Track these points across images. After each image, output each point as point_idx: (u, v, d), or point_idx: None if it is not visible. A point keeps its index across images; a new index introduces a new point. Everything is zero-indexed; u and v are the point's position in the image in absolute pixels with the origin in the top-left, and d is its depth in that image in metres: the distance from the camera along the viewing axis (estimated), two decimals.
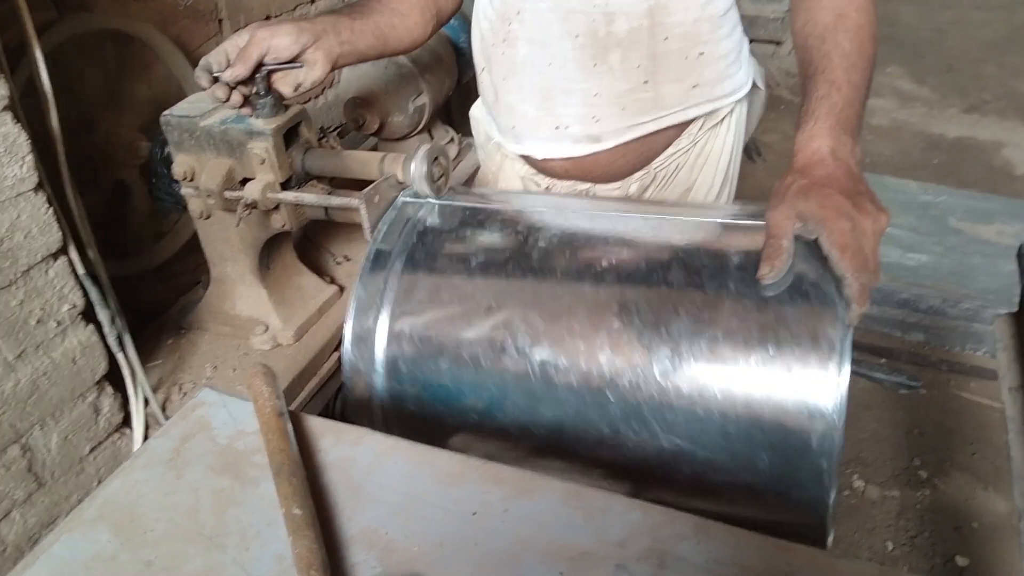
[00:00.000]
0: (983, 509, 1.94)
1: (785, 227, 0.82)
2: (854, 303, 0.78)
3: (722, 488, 0.84)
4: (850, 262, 0.78)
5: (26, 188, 1.07)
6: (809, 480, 0.79)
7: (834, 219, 0.80)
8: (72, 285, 1.17)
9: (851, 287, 0.78)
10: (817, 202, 0.81)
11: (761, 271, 0.81)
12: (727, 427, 0.81)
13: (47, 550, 0.75)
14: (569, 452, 0.89)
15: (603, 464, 0.89)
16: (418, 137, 2.03)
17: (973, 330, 2.35)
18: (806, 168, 0.87)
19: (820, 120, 0.90)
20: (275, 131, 1.19)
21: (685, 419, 0.82)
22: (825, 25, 0.99)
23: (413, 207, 1.06)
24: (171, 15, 1.60)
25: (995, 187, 3.17)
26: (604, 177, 1.27)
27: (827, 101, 0.91)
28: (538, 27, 1.15)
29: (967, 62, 4.45)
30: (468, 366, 0.91)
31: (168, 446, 0.85)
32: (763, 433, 0.80)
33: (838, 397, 0.77)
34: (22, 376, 1.12)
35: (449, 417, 0.93)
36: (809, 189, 0.83)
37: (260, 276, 1.40)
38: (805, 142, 0.89)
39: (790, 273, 0.82)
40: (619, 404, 0.84)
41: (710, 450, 0.82)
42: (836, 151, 0.87)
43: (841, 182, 0.84)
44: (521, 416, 0.89)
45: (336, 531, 0.74)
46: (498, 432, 0.91)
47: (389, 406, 0.96)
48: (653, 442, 0.84)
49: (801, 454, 0.78)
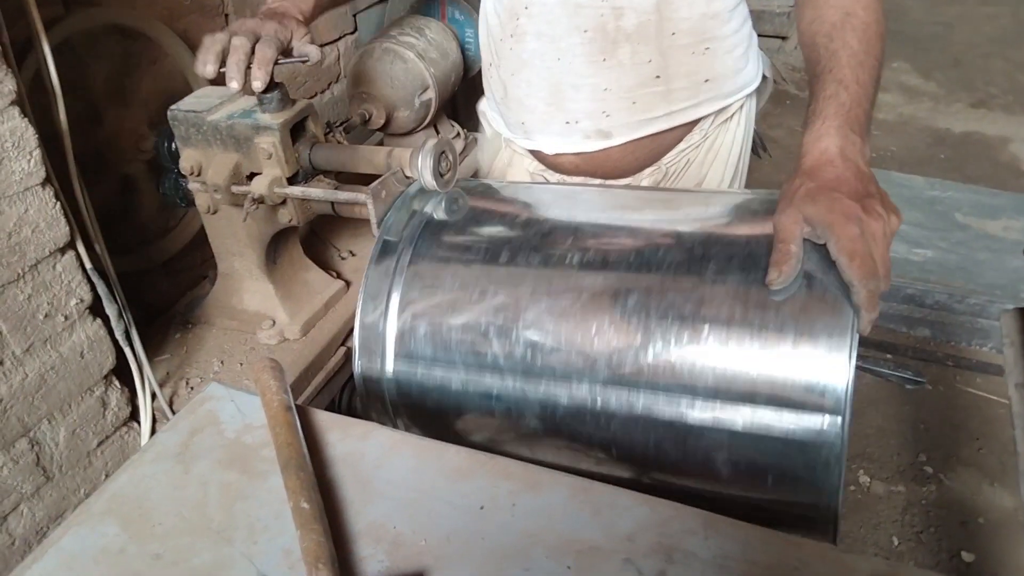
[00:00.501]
0: (989, 504, 1.93)
1: (793, 231, 0.81)
2: (863, 309, 0.77)
3: (730, 482, 0.84)
4: (858, 269, 0.77)
5: (34, 183, 1.08)
6: (817, 473, 0.79)
7: (842, 225, 0.78)
8: (80, 279, 1.17)
9: (859, 295, 0.77)
10: (825, 206, 0.80)
11: (769, 276, 0.80)
12: (735, 419, 0.81)
13: (56, 543, 0.75)
14: (579, 440, 0.89)
15: (612, 454, 0.89)
16: (424, 132, 2.03)
17: (979, 326, 2.35)
18: (814, 170, 0.85)
19: (828, 119, 0.88)
20: (282, 126, 1.19)
21: (693, 410, 0.82)
22: (832, 23, 0.98)
23: (420, 201, 1.06)
24: (178, 10, 1.60)
25: (1002, 182, 3.16)
26: (614, 173, 1.27)
27: (835, 100, 0.90)
28: (546, 22, 1.15)
29: (974, 57, 4.44)
30: (476, 355, 0.91)
31: (176, 440, 0.85)
32: (770, 426, 0.79)
33: (844, 386, 0.77)
34: (30, 370, 1.12)
35: (458, 406, 0.94)
36: (817, 193, 0.81)
37: (267, 271, 1.40)
38: (813, 142, 0.88)
39: (799, 276, 0.81)
40: (629, 393, 0.84)
41: (718, 442, 0.82)
42: (845, 150, 0.85)
43: (850, 184, 0.82)
44: (527, 401, 0.89)
45: (344, 525, 0.74)
46: (506, 420, 0.92)
47: (399, 396, 0.97)
48: (663, 433, 0.84)
49: (809, 447, 0.78)
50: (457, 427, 0.96)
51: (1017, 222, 2.63)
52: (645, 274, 0.88)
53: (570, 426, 0.88)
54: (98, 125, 1.45)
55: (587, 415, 0.87)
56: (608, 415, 0.86)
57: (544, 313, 0.89)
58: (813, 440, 0.78)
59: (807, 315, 0.79)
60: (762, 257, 0.83)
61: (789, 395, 0.79)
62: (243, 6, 1.77)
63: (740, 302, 0.82)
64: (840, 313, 0.79)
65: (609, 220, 1.01)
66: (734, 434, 0.81)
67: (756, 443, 0.80)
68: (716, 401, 0.81)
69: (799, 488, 0.82)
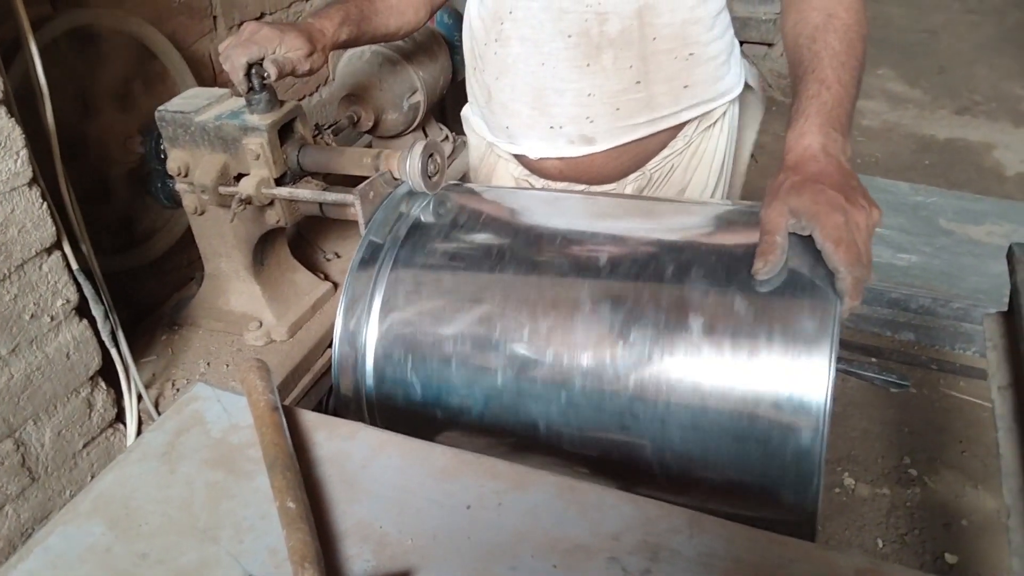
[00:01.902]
0: (972, 507, 1.95)
1: (779, 223, 0.82)
2: (847, 296, 0.79)
3: (710, 480, 0.85)
4: (844, 255, 0.79)
5: (20, 183, 1.07)
6: (796, 471, 0.80)
7: (828, 214, 0.80)
8: (66, 280, 1.17)
9: (845, 280, 0.79)
10: (810, 198, 0.82)
11: (755, 267, 0.81)
12: (714, 418, 0.81)
13: (42, 542, 0.75)
14: (557, 447, 0.90)
15: (593, 459, 0.89)
16: (412, 135, 2.03)
17: (963, 330, 2.37)
18: (798, 165, 0.87)
19: (811, 118, 0.91)
20: (270, 127, 1.19)
21: (674, 412, 0.83)
22: (815, 25, 1.00)
23: (407, 203, 1.06)
24: (166, 11, 1.60)
25: (985, 188, 3.20)
26: (599, 178, 1.28)
27: (817, 100, 0.92)
28: (531, 27, 1.16)
29: (958, 64, 4.48)
30: (457, 360, 0.91)
31: (162, 440, 0.85)
32: (750, 423, 0.80)
33: (823, 385, 0.77)
34: (16, 371, 1.11)
35: (438, 411, 0.94)
36: (802, 185, 0.84)
37: (254, 272, 1.40)
38: (796, 139, 0.90)
39: (784, 269, 0.82)
40: (609, 398, 0.85)
41: (699, 443, 0.83)
42: (827, 147, 0.88)
43: (833, 177, 0.84)
44: (509, 410, 0.90)
45: (330, 524, 0.74)
46: (486, 426, 0.92)
47: (378, 401, 0.97)
48: (642, 437, 0.85)
49: (788, 444, 0.79)
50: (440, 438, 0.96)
51: (1000, 227, 2.65)
52: (626, 283, 0.88)
53: (552, 436, 0.89)
54: (86, 126, 1.44)
55: (567, 425, 0.87)
56: (592, 425, 0.86)
57: (525, 322, 0.89)
58: (793, 447, 0.79)
59: (788, 322, 0.80)
60: (743, 266, 0.84)
61: (768, 392, 0.79)
62: (231, 8, 1.77)
63: (721, 310, 0.83)
64: (822, 317, 0.79)
65: (592, 228, 1.02)
66: (714, 441, 0.81)
67: (735, 450, 0.81)
68: (697, 408, 0.82)
69: (779, 486, 0.82)
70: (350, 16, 1.25)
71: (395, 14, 1.33)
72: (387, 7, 1.32)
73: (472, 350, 0.91)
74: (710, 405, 0.81)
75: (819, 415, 0.77)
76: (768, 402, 0.79)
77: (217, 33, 1.75)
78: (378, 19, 1.30)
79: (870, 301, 2.41)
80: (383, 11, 1.31)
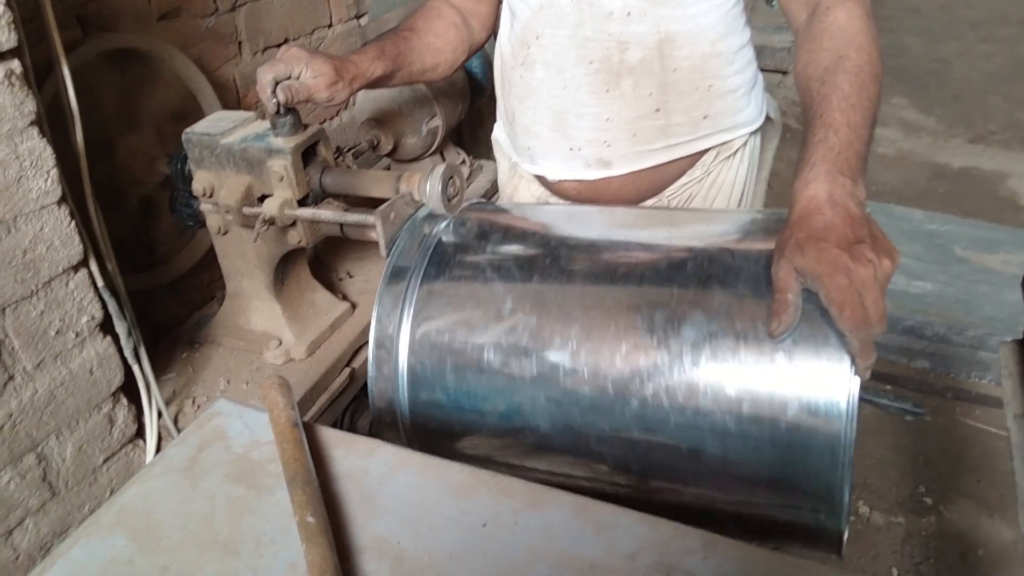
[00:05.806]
0: (988, 536, 1.93)
1: (789, 282, 0.81)
2: (858, 358, 0.79)
3: (740, 489, 0.86)
4: (848, 320, 0.77)
5: (50, 201, 1.10)
6: (824, 479, 0.80)
7: (830, 275, 0.78)
8: (91, 297, 1.19)
9: (852, 344, 0.78)
10: (813, 257, 0.80)
11: (771, 326, 0.81)
12: (745, 428, 0.82)
13: (65, 554, 0.76)
14: (588, 453, 0.91)
15: (623, 464, 0.90)
16: (431, 158, 2.06)
17: (978, 358, 2.36)
18: (802, 219, 0.84)
19: (816, 165, 0.88)
20: (294, 149, 1.22)
21: (705, 421, 0.84)
22: (825, 67, 0.98)
23: (429, 224, 1.08)
24: (192, 36, 1.64)
25: (1000, 217, 3.19)
26: (616, 202, 1.29)
27: (824, 145, 0.89)
28: (555, 52, 1.19)
29: (973, 93, 4.49)
30: (488, 374, 0.93)
31: (184, 454, 0.87)
32: (779, 432, 0.81)
33: (850, 393, 0.79)
34: (40, 386, 1.13)
35: (473, 425, 0.95)
36: (805, 243, 0.81)
37: (275, 291, 1.42)
38: (802, 189, 0.87)
39: (801, 321, 0.82)
40: (639, 406, 0.86)
41: (728, 451, 0.84)
42: (833, 195, 0.84)
43: (838, 231, 0.81)
44: (540, 420, 0.91)
45: (348, 539, 0.75)
46: (519, 437, 0.93)
47: (412, 418, 0.98)
48: (674, 444, 0.86)
49: (816, 452, 0.80)
50: (474, 452, 0.97)
51: (1016, 256, 2.64)
52: (657, 291, 0.90)
53: (583, 443, 0.90)
54: (113, 147, 1.48)
55: (598, 431, 0.89)
56: (622, 431, 0.88)
57: (553, 332, 0.90)
58: (822, 446, 0.80)
59: (814, 325, 0.82)
60: (768, 271, 0.85)
61: (796, 401, 0.81)
62: (256, 34, 1.81)
63: (750, 315, 0.84)
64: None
65: (621, 236, 1.04)
66: (745, 438, 0.83)
67: (764, 452, 0.83)
68: (735, 412, 0.83)
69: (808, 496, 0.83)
70: (386, 52, 1.26)
71: (432, 53, 1.34)
72: (425, 46, 1.33)
73: (508, 358, 0.92)
74: (745, 411, 0.82)
75: (848, 420, 0.79)
76: (794, 408, 0.81)
77: (242, 58, 1.79)
78: (414, 56, 1.31)
79: (886, 328, 2.40)
80: (420, 49, 1.32)
